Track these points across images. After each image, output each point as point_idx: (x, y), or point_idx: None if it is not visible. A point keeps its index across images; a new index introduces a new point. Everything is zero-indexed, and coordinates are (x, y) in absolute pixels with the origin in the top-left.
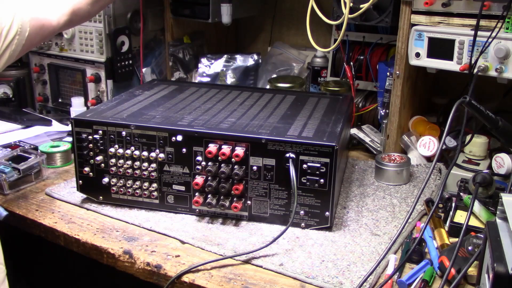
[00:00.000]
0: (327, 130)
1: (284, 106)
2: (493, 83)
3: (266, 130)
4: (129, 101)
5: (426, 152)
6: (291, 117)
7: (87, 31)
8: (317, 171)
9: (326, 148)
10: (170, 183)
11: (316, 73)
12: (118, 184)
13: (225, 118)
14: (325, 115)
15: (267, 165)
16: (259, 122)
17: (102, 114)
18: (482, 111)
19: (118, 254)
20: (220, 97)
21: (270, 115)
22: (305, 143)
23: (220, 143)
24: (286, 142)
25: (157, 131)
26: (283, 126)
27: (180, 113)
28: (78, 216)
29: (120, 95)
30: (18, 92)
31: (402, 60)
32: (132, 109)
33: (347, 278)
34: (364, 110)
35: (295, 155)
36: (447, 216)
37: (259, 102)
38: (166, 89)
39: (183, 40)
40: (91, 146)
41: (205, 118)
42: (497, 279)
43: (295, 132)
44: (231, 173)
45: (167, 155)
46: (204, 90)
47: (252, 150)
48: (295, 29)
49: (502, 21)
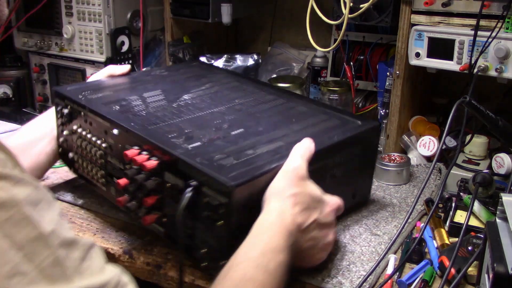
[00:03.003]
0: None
1: (275, 118)
2: (493, 83)
3: (197, 146)
4: (130, 81)
5: (426, 152)
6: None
7: (87, 31)
8: (215, 209)
9: (222, 187)
10: (111, 174)
11: (316, 73)
12: (79, 162)
13: (190, 121)
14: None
15: (176, 185)
16: (221, 134)
17: (81, 90)
18: (482, 111)
19: (118, 254)
20: (224, 94)
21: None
22: (205, 174)
23: (147, 147)
24: (191, 167)
25: (103, 119)
26: (225, 145)
27: (153, 106)
28: (78, 216)
29: (136, 72)
30: (18, 92)
31: (402, 60)
32: (117, 90)
33: (346, 278)
34: (364, 110)
35: (199, 185)
36: (447, 216)
37: (259, 106)
38: (188, 72)
39: (183, 40)
40: (62, 120)
41: (167, 116)
42: (497, 279)
43: (227, 155)
44: (142, 183)
45: (109, 146)
46: (225, 80)
47: (168, 164)
48: (295, 29)
49: (502, 21)
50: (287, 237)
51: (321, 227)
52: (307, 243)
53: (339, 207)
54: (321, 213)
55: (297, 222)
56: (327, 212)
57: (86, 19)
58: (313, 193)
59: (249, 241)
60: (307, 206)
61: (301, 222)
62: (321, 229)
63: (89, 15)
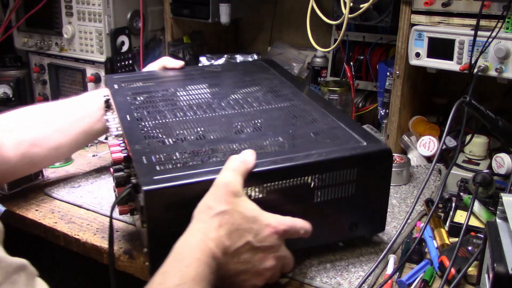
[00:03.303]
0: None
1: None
2: (493, 83)
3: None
4: (176, 75)
5: (426, 152)
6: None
7: (87, 31)
8: (141, 211)
9: (140, 189)
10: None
11: (316, 73)
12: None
13: (194, 121)
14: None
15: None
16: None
17: (125, 79)
18: (482, 111)
19: (118, 254)
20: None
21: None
22: (135, 173)
23: (124, 141)
24: (132, 165)
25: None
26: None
27: (172, 102)
28: (78, 216)
29: (191, 67)
30: (18, 92)
31: (402, 60)
32: (158, 82)
33: (345, 279)
34: (364, 110)
35: (137, 183)
36: (447, 216)
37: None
38: (244, 70)
39: (183, 40)
40: (105, 105)
41: (174, 113)
42: (497, 279)
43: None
44: (113, 174)
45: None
46: (272, 84)
47: (129, 159)
48: (295, 29)
49: (502, 21)
50: (209, 264)
51: (255, 251)
52: (236, 267)
53: (287, 230)
54: (257, 236)
55: (223, 245)
56: (265, 235)
57: (86, 19)
58: (246, 212)
59: (167, 266)
60: (237, 227)
61: (229, 245)
62: (255, 253)
63: (89, 15)
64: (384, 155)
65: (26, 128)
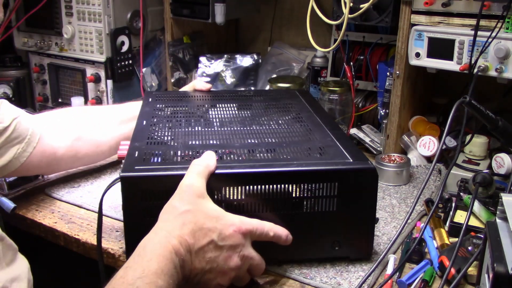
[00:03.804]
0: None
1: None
2: (493, 83)
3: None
4: (204, 96)
5: (426, 152)
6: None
7: (87, 31)
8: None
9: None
10: None
11: (316, 73)
12: None
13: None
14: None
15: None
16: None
17: (158, 96)
18: (482, 111)
19: (118, 254)
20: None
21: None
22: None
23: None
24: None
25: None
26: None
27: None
28: (78, 216)
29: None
30: (18, 92)
31: (402, 60)
32: (185, 101)
33: (345, 279)
34: (364, 110)
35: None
36: (447, 216)
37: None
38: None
39: (183, 40)
40: None
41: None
42: (497, 279)
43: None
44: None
45: None
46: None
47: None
48: (295, 29)
49: (502, 21)
50: (172, 260)
51: (219, 250)
52: (202, 265)
53: (252, 230)
54: (220, 234)
55: (186, 243)
56: (228, 234)
57: (86, 19)
58: (209, 212)
59: (130, 262)
60: (201, 226)
61: (193, 243)
62: (220, 251)
63: (89, 15)
64: (368, 174)
65: (73, 124)
